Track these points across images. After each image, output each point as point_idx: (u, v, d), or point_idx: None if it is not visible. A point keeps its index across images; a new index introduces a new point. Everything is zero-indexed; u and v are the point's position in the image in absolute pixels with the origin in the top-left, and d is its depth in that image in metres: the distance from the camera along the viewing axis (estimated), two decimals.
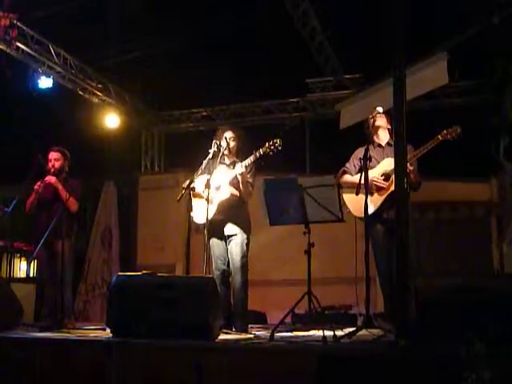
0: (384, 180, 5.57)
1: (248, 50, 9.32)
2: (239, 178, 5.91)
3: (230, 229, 6.01)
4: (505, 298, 3.91)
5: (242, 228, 6.01)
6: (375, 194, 5.55)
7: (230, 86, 10.41)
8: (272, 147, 5.81)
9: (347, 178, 5.83)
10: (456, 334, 3.58)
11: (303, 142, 11.54)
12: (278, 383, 3.74)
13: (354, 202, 5.59)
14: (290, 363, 3.78)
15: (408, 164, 5.13)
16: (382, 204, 5.54)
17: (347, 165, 5.92)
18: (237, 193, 5.99)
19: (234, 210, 6.00)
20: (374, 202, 5.51)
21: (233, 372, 3.82)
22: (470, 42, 7.95)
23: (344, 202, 5.60)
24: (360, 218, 5.49)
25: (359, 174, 5.32)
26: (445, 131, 5.53)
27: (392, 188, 5.41)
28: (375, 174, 5.57)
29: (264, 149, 5.84)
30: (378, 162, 5.67)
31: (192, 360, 3.92)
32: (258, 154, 5.86)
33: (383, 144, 5.80)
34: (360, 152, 5.72)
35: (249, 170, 5.97)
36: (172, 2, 8.65)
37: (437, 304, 4.01)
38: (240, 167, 5.91)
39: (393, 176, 5.39)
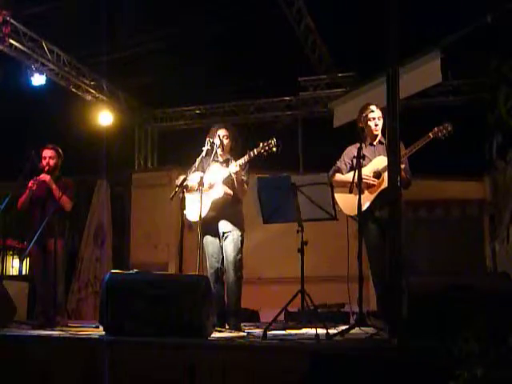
0: (374, 178, 5.56)
1: (241, 48, 9.31)
2: (234, 176, 5.92)
3: (224, 226, 6.01)
4: (497, 296, 3.93)
5: (236, 225, 6.01)
6: (366, 192, 5.52)
7: (223, 84, 10.41)
8: (266, 147, 5.81)
9: (339, 176, 5.81)
10: (448, 332, 3.59)
11: (296, 140, 11.54)
12: (271, 381, 3.74)
13: (345, 201, 5.59)
14: (282, 361, 3.79)
15: None
16: (373, 202, 5.52)
17: (338, 163, 5.90)
18: (230, 192, 5.99)
19: (228, 208, 6.00)
20: (364, 200, 5.50)
21: (226, 370, 3.82)
22: (463, 41, 7.97)
23: (336, 201, 5.60)
24: (351, 217, 5.50)
25: (351, 173, 5.32)
26: (436, 129, 5.50)
27: (383, 186, 5.41)
28: (366, 172, 5.54)
29: (258, 149, 5.84)
30: (370, 160, 5.65)
31: (185, 358, 3.92)
32: (251, 154, 5.86)
33: (375, 142, 5.79)
34: (351, 150, 5.72)
35: (243, 168, 5.97)
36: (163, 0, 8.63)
37: (429, 302, 4.02)
38: (235, 166, 5.91)
39: (384, 174, 5.40)
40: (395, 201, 4.22)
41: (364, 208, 5.42)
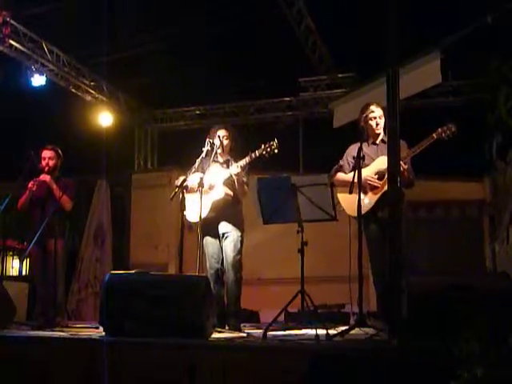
0: (378, 179, 5.53)
1: (242, 48, 9.31)
2: (234, 178, 5.92)
3: (224, 227, 6.01)
4: (497, 296, 3.93)
5: (235, 226, 6.02)
6: (369, 193, 5.52)
7: (223, 85, 10.40)
8: (268, 149, 5.82)
9: (341, 176, 5.79)
10: (448, 332, 3.59)
11: (297, 140, 11.54)
12: (270, 381, 3.74)
13: (348, 201, 5.57)
14: (282, 362, 3.78)
15: (402, 162, 5.13)
16: (376, 203, 5.50)
17: (341, 162, 5.87)
18: (231, 192, 6.00)
19: (228, 209, 6.00)
20: (368, 201, 5.49)
21: (226, 371, 3.82)
22: (463, 41, 7.97)
23: (338, 201, 5.59)
24: (354, 217, 5.48)
25: (353, 173, 5.31)
26: (439, 130, 5.47)
27: (386, 187, 5.39)
28: (369, 172, 5.54)
29: (260, 151, 5.86)
30: (373, 160, 5.62)
31: (185, 359, 3.92)
32: (253, 156, 5.88)
33: (377, 141, 5.76)
34: (353, 149, 5.69)
35: (243, 169, 5.98)
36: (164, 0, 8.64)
37: (429, 302, 4.01)
38: (235, 168, 5.92)
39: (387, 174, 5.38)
40: (395, 201, 4.22)
41: (368, 209, 5.42)
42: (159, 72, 10.01)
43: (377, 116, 5.67)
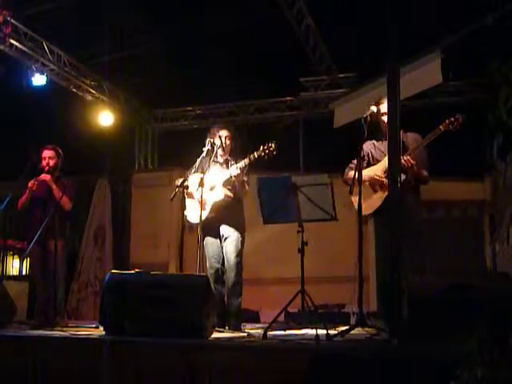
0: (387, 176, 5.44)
1: (242, 48, 9.30)
2: (234, 179, 5.94)
3: (225, 228, 6.02)
4: (497, 296, 3.93)
5: (236, 227, 6.02)
6: (379, 191, 5.45)
7: (224, 85, 10.39)
8: (267, 151, 5.83)
9: (351, 174, 5.67)
10: (448, 333, 3.59)
11: (297, 140, 11.52)
12: (271, 381, 3.74)
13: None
14: (282, 362, 3.79)
15: (409, 157, 5.15)
16: (385, 201, 5.41)
17: (354, 161, 5.77)
18: (231, 194, 6.00)
19: (228, 210, 6.01)
20: (377, 200, 5.43)
21: (225, 371, 3.82)
22: (464, 42, 7.96)
23: (350, 200, 5.53)
24: (367, 215, 5.42)
25: (366, 169, 5.28)
26: (447, 121, 5.39)
27: None
28: (379, 169, 5.49)
29: (258, 152, 5.87)
30: (385, 156, 5.46)
31: (185, 358, 3.92)
32: (252, 157, 5.89)
33: None
34: (367, 146, 5.65)
35: (242, 170, 5.99)
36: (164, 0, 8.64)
37: (429, 302, 4.01)
38: (235, 169, 5.93)
39: None
40: (395, 201, 4.22)
41: (376, 207, 5.40)
42: (160, 72, 9.99)
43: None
